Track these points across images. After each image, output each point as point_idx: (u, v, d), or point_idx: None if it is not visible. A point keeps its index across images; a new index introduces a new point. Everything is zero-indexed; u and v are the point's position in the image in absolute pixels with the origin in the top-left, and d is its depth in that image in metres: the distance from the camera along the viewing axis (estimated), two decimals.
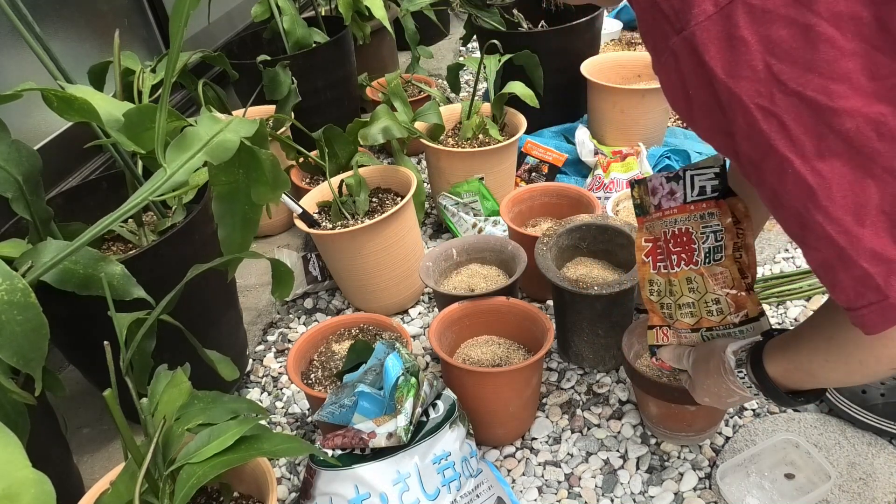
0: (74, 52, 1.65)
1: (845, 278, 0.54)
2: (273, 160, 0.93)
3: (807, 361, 0.69)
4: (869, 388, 1.12)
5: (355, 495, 0.95)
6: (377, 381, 1.04)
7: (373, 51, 2.34)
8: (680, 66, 0.55)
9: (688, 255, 0.87)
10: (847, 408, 1.13)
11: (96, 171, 1.63)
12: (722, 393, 0.82)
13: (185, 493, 0.78)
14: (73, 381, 1.36)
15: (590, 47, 1.98)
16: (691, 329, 0.91)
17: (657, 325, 0.97)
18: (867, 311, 0.53)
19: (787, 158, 0.52)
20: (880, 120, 0.49)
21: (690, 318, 0.91)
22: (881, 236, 0.51)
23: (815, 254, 0.55)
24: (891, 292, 0.51)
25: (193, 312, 1.12)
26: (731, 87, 0.52)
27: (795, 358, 0.71)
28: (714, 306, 0.87)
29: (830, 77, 0.49)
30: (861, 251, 0.52)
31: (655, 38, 0.57)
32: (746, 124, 0.53)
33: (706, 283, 0.87)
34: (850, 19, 0.48)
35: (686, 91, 0.56)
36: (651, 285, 0.96)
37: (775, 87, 0.50)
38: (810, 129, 0.50)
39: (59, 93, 0.88)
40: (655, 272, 0.94)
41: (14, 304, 0.76)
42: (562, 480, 1.15)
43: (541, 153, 1.83)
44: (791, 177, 0.52)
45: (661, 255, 0.92)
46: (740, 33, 0.50)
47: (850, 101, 0.49)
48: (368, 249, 1.41)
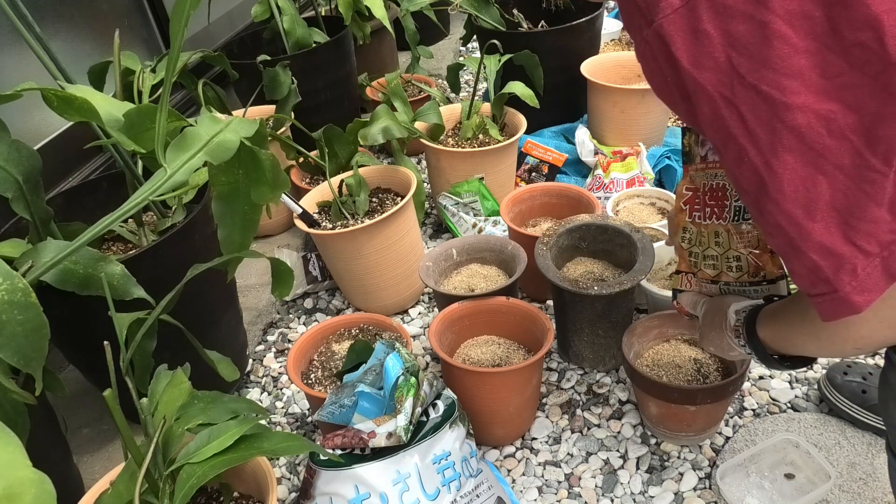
0: (74, 52, 1.65)
1: (799, 267, 0.56)
2: (273, 160, 0.93)
3: (788, 331, 0.73)
4: (869, 389, 1.12)
5: (355, 495, 0.95)
6: (377, 381, 1.04)
7: (373, 51, 2.34)
8: (655, 55, 0.57)
9: (719, 210, 0.90)
10: (847, 408, 1.13)
11: (96, 171, 1.63)
12: (723, 346, 0.87)
13: (185, 493, 0.78)
14: (73, 381, 1.36)
15: (590, 47, 1.98)
16: (711, 281, 0.94)
17: (683, 272, 1.00)
18: (821, 300, 0.55)
19: (744, 148, 0.54)
20: (830, 117, 0.50)
21: (712, 271, 0.94)
22: (831, 231, 0.52)
23: (772, 240, 0.58)
24: (839, 286, 0.53)
25: (193, 312, 1.12)
26: (695, 76, 0.54)
27: (780, 326, 0.75)
28: (734, 262, 0.90)
29: (783, 73, 0.51)
30: (811, 244, 0.53)
31: (632, 29, 0.59)
32: (710, 111, 0.55)
33: (731, 239, 0.90)
34: (803, 17, 0.49)
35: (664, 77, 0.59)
36: (684, 232, 0.98)
37: (735, 79, 0.52)
38: (765, 122, 0.52)
39: (59, 93, 0.88)
40: (690, 220, 0.96)
41: (15, 304, 0.76)
42: (562, 480, 1.15)
43: (541, 153, 1.83)
44: (747, 166, 0.55)
45: (698, 205, 0.94)
46: (703, 26, 0.52)
47: (802, 97, 0.50)
48: (368, 249, 1.41)
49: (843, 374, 1.16)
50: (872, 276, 0.52)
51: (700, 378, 1.14)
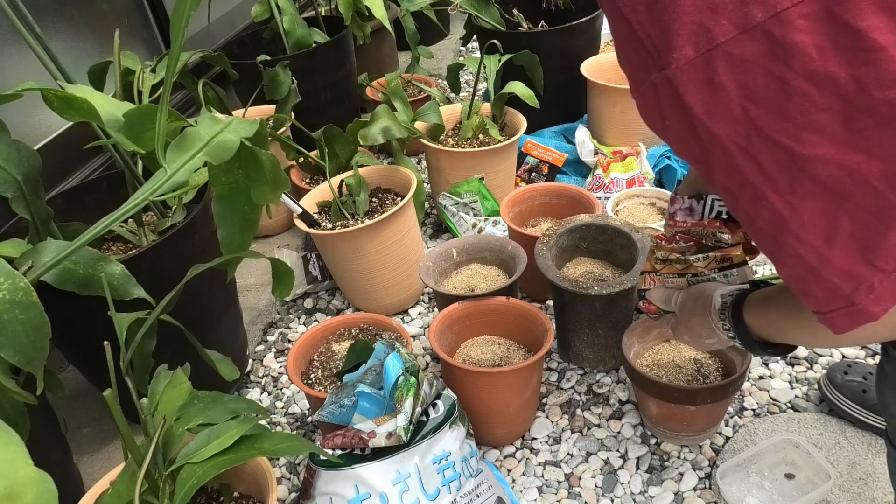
0: (74, 52, 1.65)
1: (816, 290, 0.56)
2: (273, 160, 0.93)
3: (780, 321, 0.74)
4: (869, 388, 1.12)
5: (355, 495, 0.95)
6: (377, 381, 1.04)
7: (373, 51, 2.34)
8: (659, 98, 0.56)
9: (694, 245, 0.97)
10: (847, 408, 1.13)
11: (96, 171, 1.63)
12: (702, 332, 0.87)
13: (185, 493, 0.78)
14: (73, 381, 1.36)
15: (590, 47, 1.98)
16: (678, 274, 0.98)
17: (646, 271, 1.04)
18: (835, 314, 0.56)
19: (762, 192, 0.54)
20: (854, 167, 0.50)
21: (679, 265, 0.99)
22: (851, 257, 0.53)
23: (788, 270, 0.58)
24: (857, 300, 0.54)
25: (193, 312, 1.12)
26: (710, 126, 0.53)
27: (771, 316, 0.76)
28: (701, 254, 0.96)
29: (804, 127, 0.50)
30: (832, 269, 0.54)
31: (635, 67, 0.58)
32: (725, 159, 0.55)
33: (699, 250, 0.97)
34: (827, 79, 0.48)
35: (663, 119, 0.58)
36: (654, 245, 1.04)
37: (752, 131, 0.52)
38: (785, 170, 0.52)
39: (59, 93, 0.88)
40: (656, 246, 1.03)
41: (16, 304, 0.76)
42: (562, 480, 1.15)
43: (541, 153, 1.83)
44: (766, 208, 0.54)
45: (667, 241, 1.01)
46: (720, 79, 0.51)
47: (824, 150, 0.50)
48: (368, 249, 1.41)
49: (843, 374, 1.16)
50: (889, 289, 0.53)
51: (700, 378, 1.14)
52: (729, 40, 0.50)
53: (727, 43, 0.50)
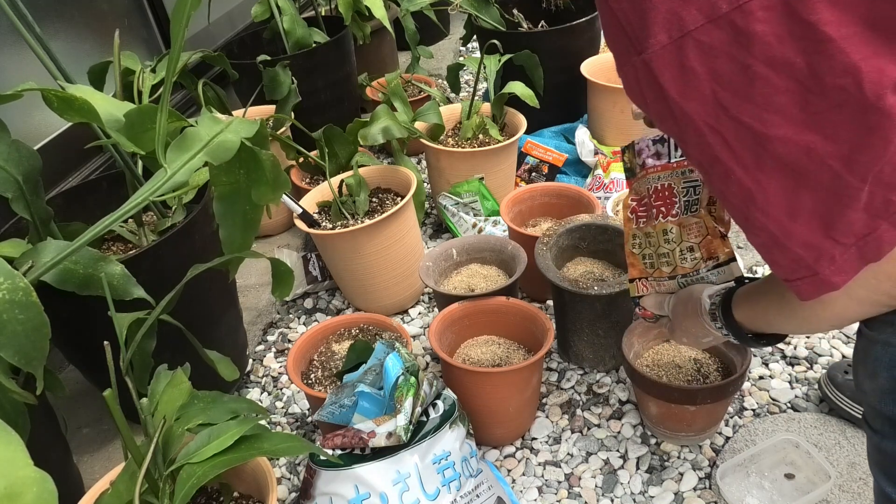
0: (74, 52, 1.65)
1: (781, 258, 0.61)
2: (274, 161, 0.93)
3: (764, 311, 0.78)
4: None
5: (355, 495, 0.95)
6: (377, 381, 1.04)
7: (373, 51, 2.34)
8: (639, 79, 0.61)
9: (667, 208, 0.96)
10: (847, 407, 1.13)
11: (96, 171, 1.63)
12: (698, 333, 0.90)
13: (185, 493, 0.78)
14: (73, 381, 1.36)
15: (590, 47, 1.98)
16: (669, 277, 0.98)
17: (637, 278, 1.03)
18: (801, 282, 0.61)
19: (730, 168, 0.59)
20: (810, 146, 0.54)
21: (667, 267, 0.98)
22: (813, 231, 0.58)
23: (756, 239, 0.63)
24: (820, 269, 0.59)
25: (193, 312, 1.12)
26: (682, 106, 0.59)
27: (757, 307, 0.80)
28: (688, 254, 0.95)
29: (766, 108, 0.55)
30: (795, 240, 0.59)
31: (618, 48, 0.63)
32: (696, 136, 0.60)
33: (682, 233, 0.96)
34: (785, 64, 0.53)
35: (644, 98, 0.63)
36: (634, 239, 1.03)
37: (720, 111, 0.57)
38: (749, 148, 0.57)
39: (59, 93, 0.88)
40: (636, 227, 1.02)
41: (15, 304, 0.76)
42: (562, 480, 1.15)
43: (541, 153, 1.83)
44: (734, 183, 0.60)
45: (643, 211, 1.00)
46: (690, 64, 0.56)
47: (783, 130, 0.55)
48: (368, 249, 1.41)
49: (843, 374, 1.16)
50: (849, 261, 0.58)
51: (700, 378, 1.14)
52: (698, 28, 0.54)
53: (696, 31, 0.54)
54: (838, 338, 1.33)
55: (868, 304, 0.63)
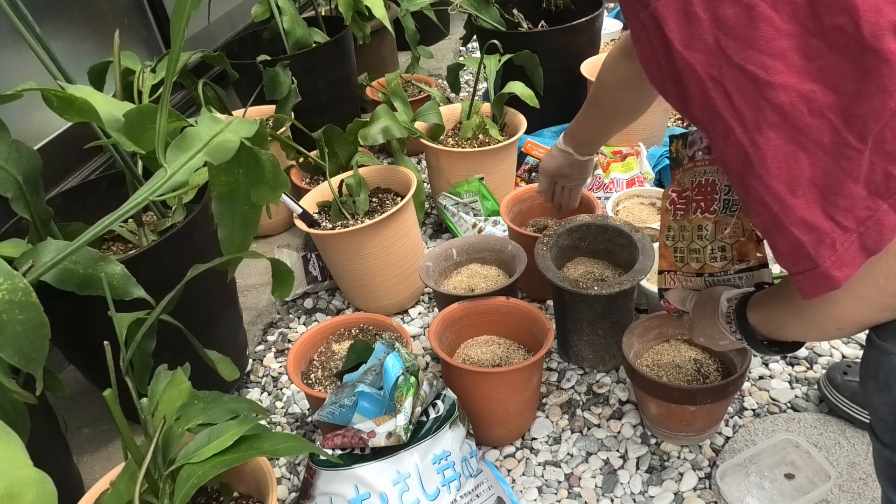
0: (74, 52, 1.65)
1: (781, 244, 0.60)
2: (273, 161, 0.93)
3: (775, 313, 0.76)
4: None
5: (355, 495, 0.95)
6: (377, 381, 1.04)
7: (373, 51, 2.34)
8: (650, 38, 0.61)
9: (707, 204, 0.95)
10: (847, 408, 1.13)
11: (96, 171, 1.63)
12: (715, 335, 0.89)
13: (185, 493, 0.78)
14: (73, 381, 1.36)
15: (590, 47, 1.98)
16: (696, 274, 0.98)
17: (666, 270, 1.03)
18: (802, 277, 0.59)
19: (730, 126, 0.58)
20: (811, 96, 0.54)
21: (696, 264, 0.98)
22: (812, 207, 0.56)
23: (757, 218, 0.61)
24: (820, 261, 0.57)
25: (193, 312, 1.12)
26: (686, 57, 0.58)
27: (769, 309, 0.78)
28: (719, 254, 0.94)
29: (768, 54, 0.55)
30: (793, 219, 0.57)
31: (629, 15, 0.63)
32: (699, 91, 0.59)
33: (716, 231, 0.94)
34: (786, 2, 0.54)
35: (658, 61, 0.63)
36: (669, 231, 1.03)
37: (723, 60, 0.57)
38: (750, 100, 0.56)
39: (59, 93, 0.88)
40: (673, 219, 1.01)
41: (15, 304, 0.76)
42: (562, 480, 1.15)
43: (541, 153, 1.83)
44: (733, 143, 0.58)
45: (682, 203, 0.99)
46: (695, 9, 0.57)
47: (785, 77, 0.55)
48: (368, 249, 1.41)
49: (842, 374, 1.16)
50: (850, 251, 0.56)
51: (700, 378, 1.14)
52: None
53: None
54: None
55: (877, 307, 0.61)
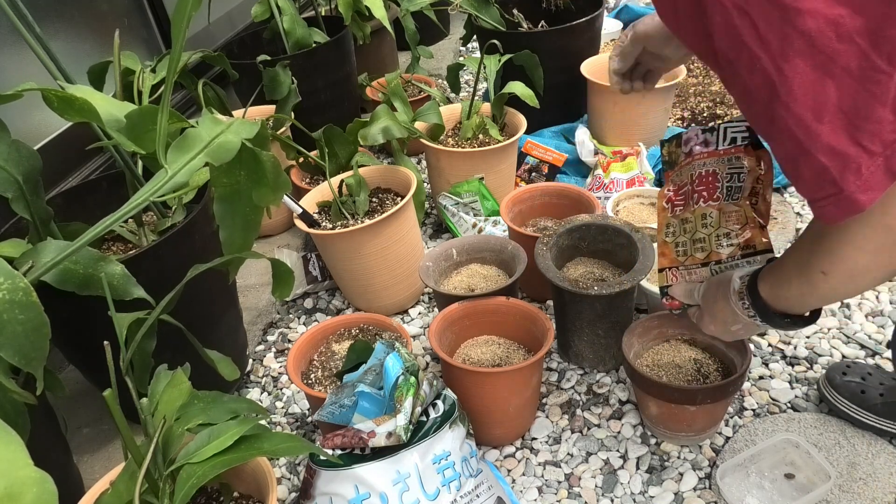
0: (74, 52, 1.65)
1: (806, 171, 0.60)
2: (274, 162, 0.93)
3: (785, 278, 0.77)
4: (868, 389, 1.12)
5: (355, 495, 0.95)
6: (377, 381, 1.04)
7: (373, 51, 2.34)
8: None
9: (709, 192, 0.97)
10: (846, 408, 1.13)
11: (96, 171, 1.63)
12: (727, 318, 0.88)
13: (185, 493, 0.78)
14: (73, 381, 1.36)
15: (590, 47, 1.98)
16: (701, 264, 0.99)
17: (667, 268, 1.03)
18: (825, 202, 0.59)
19: (756, 55, 0.57)
20: (839, 21, 0.53)
21: (702, 254, 0.99)
22: (838, 133, 0.56)
23: (781, 148, 0.61)
24: (845, 186, 0.57)
25: (193, 312, 1.12)
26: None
27: (778, 275, 0.79)
28: (724, 240, 0.96)
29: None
30: (819, 146, 0.57)
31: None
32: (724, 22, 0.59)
33: (721, 218, 0.96)
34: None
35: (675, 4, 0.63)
36: (667, 228, 1.04)
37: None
38: (776, 28, 0.56)
39: (59, 93, 0.88)
40: (672, 216, 1.03)
41: (15, 304, 0.76)
42: (562, 480, 1.15)
43: (541, 153, 1.83)
44: (759, 73, 0.58)
45: (681, 199, 1.01)
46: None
47: (811, 2, 0.54)
48: (368, 249, 1.41)
49: (842, 375, 1.16)
50: (876, 174, 0.56)
51: (700, 378, 1.14)
52: None
53: None
54: (838, 338, 1.33)
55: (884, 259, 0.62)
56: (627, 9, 2.68)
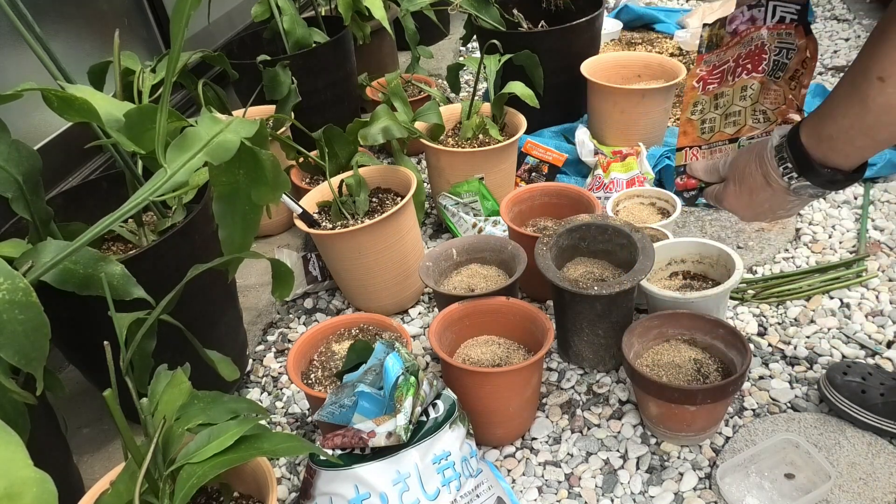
0: (74, 52, 1.65)
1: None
2: (274, 161, 0.93)
3: (834, 105, 0.72)
4: (869, 389, 1.12)
5: (355, 495, 0.95)
6: (377, 381, 1.04)
7: (373, 51, 2.34)
8: None
9: (754, 65, 0.95)
10: (847, 408, 1.13)
11: (96, 171, 1.63)
12: (757, 186, 0.84)
13: (185, 493, 0.78)
14: (73, 381, 1.36)
15: (590, 47, 1.98)
16: (729, 140, 0.98)
17: (687, 147, 1.02)
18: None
19: None
20: None
21: (733, 128, 0.98)
22: None
23: None
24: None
25: (193, 312, 1.13)
26: None
27: (824, 109, 0.74)
28: (761, 115, 0.95)
29: None
30: None
31: None
32: None
33: (760, 93, 0.95)
34: None
35: None
36: (694, 107, 1.01)
37: None
38: None
39: (59, 93, 0.88)
40: (703, 93, 1.00)
41: (15, 304, 0.76)
42: (562, 480, 1.15)
43: (541, 153, 1.83)
44: None
45: (716, 78, 0.98)
46: None
47: None
48: (368, 249, 1.41)
49: (842, 375, 1.16)
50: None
51: (700, 378, 1.14)
52: None
53: None
54: (838, 338, 1.33)
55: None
56: (627, 9, 2.68)
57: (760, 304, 1.43)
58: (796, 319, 1.39)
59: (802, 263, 1.54)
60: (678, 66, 1.84)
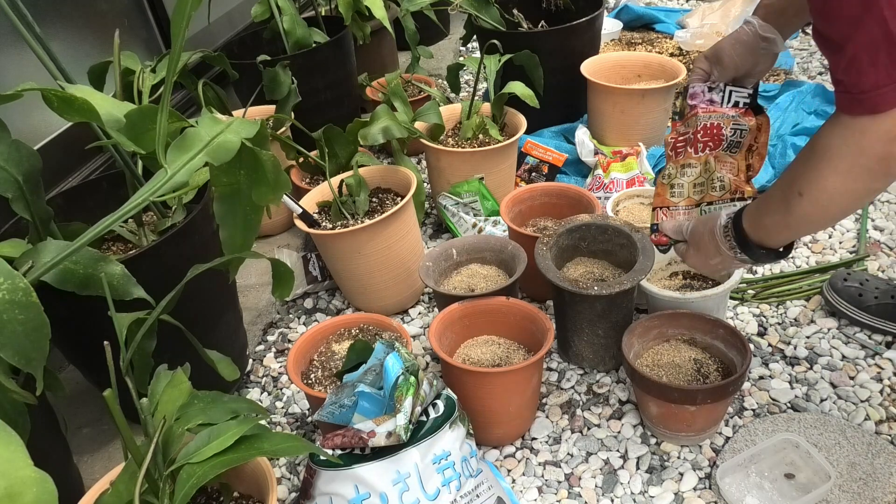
0: (74, 52, 1.65)
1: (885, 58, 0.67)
2: (274, 161, 0.93)
3: (768, 202, 0.87)
4: (865, 293, 1.30)
5: (355, 495, 0.95)
6: (377, 381, 1.04)
7: (373, 51, 2.34)
8: None
9: (714, 144, 1.07)
10: (845, 308, 1.31)
11: (96, 171, 1.63)
12: (710, 252, 0.98)
13: (185, 493, 0.78)
14: (73, 381, 1.36)
15: (590, 47, 1.98)
16: (695, 205, 1.11)
17: (659, 207, 1.13)
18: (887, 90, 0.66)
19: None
20: None
21: (699, 195, 1.11)
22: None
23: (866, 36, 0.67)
24: None
25: (193, 312, 1.12)
26: None
27: (761, 204, 0.89)
28: (718, 183, 1.09)
29: None
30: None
31: None
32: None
33: (717, 166, 1.08)
34: None
35: None
36: (666, 171, 1.13)
37: None
38: None
39: (59, 93, 0.88)
40: (674, 159, 1.11)
41: (15, 304, 0.76)
42: (562, 480, 1.15)
43: (541, 153, 1.83)
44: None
45: (681, 143, 1.10)
46: None
47: None
48: (368, 249, 1.41)
49: (843, 280, 1.33)
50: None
51: (700, 378, 1.14)
52: None
53: None
54: (838, 338, 1.33)
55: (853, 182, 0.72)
56: (627, 9, 2.68)
57: (760, 304, 1.43)
58: (796, 319, 1.39)
59: (802, 263, 1.54)
60: (678, 66, 1.84)
